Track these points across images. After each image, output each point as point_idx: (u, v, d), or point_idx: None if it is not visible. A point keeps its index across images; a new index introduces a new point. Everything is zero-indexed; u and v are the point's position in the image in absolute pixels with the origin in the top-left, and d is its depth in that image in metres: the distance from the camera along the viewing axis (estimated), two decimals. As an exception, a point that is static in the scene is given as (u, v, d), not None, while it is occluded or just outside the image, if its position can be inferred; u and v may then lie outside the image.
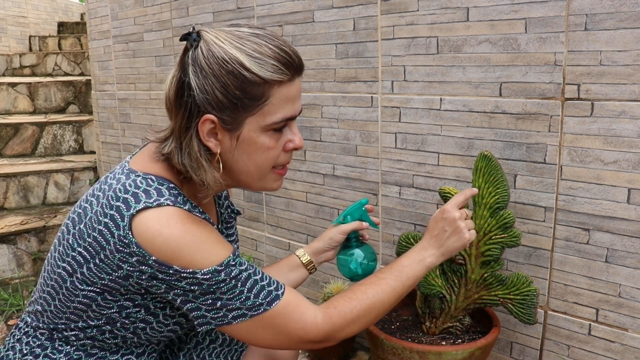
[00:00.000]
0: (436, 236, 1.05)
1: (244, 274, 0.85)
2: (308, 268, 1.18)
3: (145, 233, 0.80)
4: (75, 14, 7.70)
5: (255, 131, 0.86)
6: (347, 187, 1.78)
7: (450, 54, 1.45)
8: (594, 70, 1.22)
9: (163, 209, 0.81)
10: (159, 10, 2.42)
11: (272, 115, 0.86)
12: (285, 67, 0.83)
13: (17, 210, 2.97)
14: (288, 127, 0.90)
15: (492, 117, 1.39)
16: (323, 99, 1.79)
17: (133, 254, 0.81)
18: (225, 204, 1.15)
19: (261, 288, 0.86)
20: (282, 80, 0.84)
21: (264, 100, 0.84)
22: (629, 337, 1.25)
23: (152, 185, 0.84)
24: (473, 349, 1.20)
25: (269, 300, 0.85)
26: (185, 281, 0.81)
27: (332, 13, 1.71)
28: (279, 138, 0.89)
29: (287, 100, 0.86)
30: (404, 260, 1.01)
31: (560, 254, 1.33)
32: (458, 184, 1.48)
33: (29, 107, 4.20)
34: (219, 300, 0.83)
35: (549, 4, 1.25)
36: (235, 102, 0.83)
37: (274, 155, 0.90)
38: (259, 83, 0.82)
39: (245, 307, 0.84)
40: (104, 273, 0.84)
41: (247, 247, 2.22)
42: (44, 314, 0.94)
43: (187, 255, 0.80)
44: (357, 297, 0.94)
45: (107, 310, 0.88)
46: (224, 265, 0.83)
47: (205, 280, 0.81)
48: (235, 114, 0.84)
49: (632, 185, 1.20)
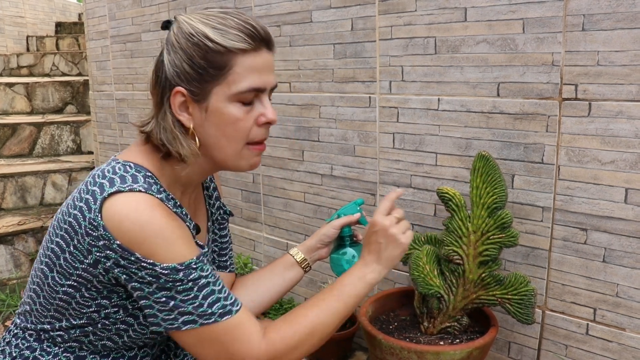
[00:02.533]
0: (373, 250, 1.00)
1: (202, 280, 0.84)
2: (303, 266, 1.18)
3: (113, 217, 0.80)
4: (73, 14, 7.69)
5: (222, 101, 0.87)
6: (345, 188, 1.78)
7: (448, 54, 1.45)
8: (592, 70, 1.22)
9: (134, 194, 0.82)
10: (157, 10, 2.41)
11: (237, 84, 0.86)
12: (248, 36, 0.85)
13: (15, 211, 2.97)
14: (259, 100, 0.90)
15: (489, 117, 1.39)
16: (321, 99, 1.79)
17: (100, 238, 0.81)
18: (217, 204, 1.15)
19: (217, 299, 0.85)
20: (245, 49, 0.85)
21: (227, 69, 0.86)
22: (626, 337, 1.25)
23: (129, 172, 0.86)
24: (471, 348, 1.21)
25: (221, 313, 0.84)
26: (144, 271, 0.81)
27: (330, 13, 1.71)
28: (249, 111, 0.89)
29: (252, 70, 0.87)
30: (344, 279, 0.98)
31: (558, 254, 1.34)
32: (456, 184, 1.48)
33: (27, 107, 4.19)
34: (172, 299, 0.82)
35: (547, 4, 1.26)
36: (200, 72, 0.85)
37: (244, 128, 0.89)
38: (222, 52, 0.85)
39: (197, 313, 0.83)
40: (77, 262, 0.84)
41: (245, 248, 2.22)
42: (31, 314, 0.95)
43: (151, 244, 0.80)
44: (298, 321, 0.91)
45: (87, 309, 0.88)
46: (185, 266, 0.82)
47: (163, 275, 0.81)
48: (202, 85, 0.86)
49: (630, 185, 1.20)
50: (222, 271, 1.17)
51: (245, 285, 1.17)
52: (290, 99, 1.89)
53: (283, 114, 1.93)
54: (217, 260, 1.16)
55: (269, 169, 2.03)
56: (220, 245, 1.17)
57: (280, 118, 1.94)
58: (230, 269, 1.18)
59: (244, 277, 1.20)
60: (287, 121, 1.92)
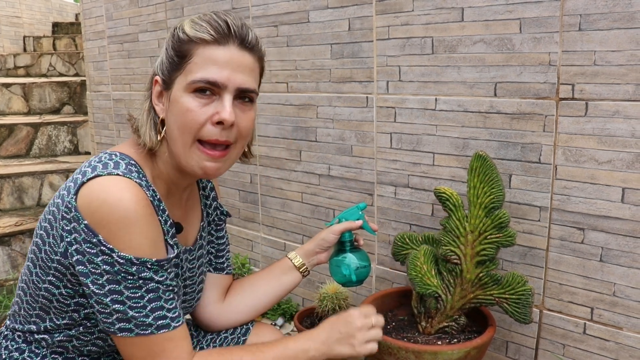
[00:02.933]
0: (328, 332, 0.98)
1: (153, 284, 0.83)
2: (301, 271, 1.17)
3: (87, 196, 0.81)
4: (70, 14, 7.68)
5: (180, 90, 0.88)
6: (343, 188, 1.78)
7: (445, 54, 1.45)
8: (588, 70, 1.22)
9: (112, 177, 0.82)
10: (154, 10, 2.41)
11: (193, 74, 0.86)
12: (212, 29, 0.86)
13: (12, 212, 2.96)
14: (220, 98, 0.88)
15: (487, 117, 1.40)
16: (318, 99, 1.79)
17: (72, 220, 0.81)
18: (214, 204, 1.14)
19: (160, 307, 0.84)
20: (207, 40, 0.86)
21: (188, 58, 0.87)
22: (623, 336, 1.26)
23: (113, 160, 0.86)
24: (469, 348, 1.21)
25: (159, 325, 0.84)
26: (101, 257, 0.80)
27: (327, 13, 1.71)
28: (204, 105, 0.87)
29: (210, 62, 0.86)
30: (290, 343, 0.97)
31: (555, 254, 1.34)
32: (453, 183, 1.48)
33: (24, 107, 4.18)
34: (119, 294, 0.81)
35: (544, 4, 1.26)
36: (169, 61, 0.89)
37: (194, 120, 0.86)
38: (186, 41, 0.87)
39: (135, 321, 0.82)
40: (53, 252, 0.85)
41: (243, 248, 2.22)
42: (19, 314, 0.96)
43: (115, 227, 0.79)
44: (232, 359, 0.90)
45: (67, 307, 0.89)
46: (140, 262, 0.82)
47: (117, 263, 0.80)
48: (170, 73, 0.89)
49: (626, 184, 1.20)
50: (219, 273, 1.16)
51: (242, 289, 1.17)
52: (287, 99, 1.89)
53: (280, 114, 1.93)
54: (214, 262, 1.16)
55: (266, 169, 2.03)
56: (217, 246, 1.16)
57: (277, 118, 1.94)
58: (227, 270, 1.17)
59: (241, 280, 1.20)
60: (285, 121, 1.92)
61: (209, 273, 1.15)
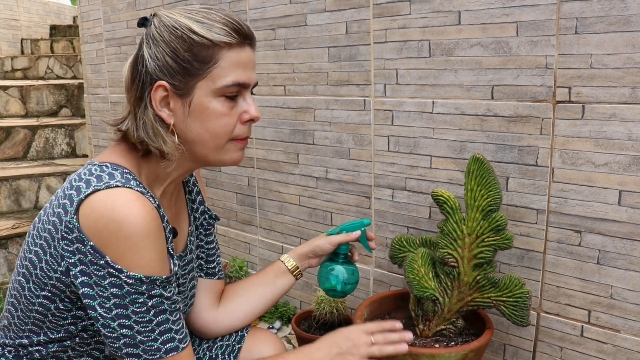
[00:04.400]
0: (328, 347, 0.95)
1: (161, 305, 0.81)
2: (294, 274, 1.17)
3: (90, 216, 0.77)
4: (68, 17, 7.68)
5: (206, 96, 0.85)
6: (340, 190, 1.78)
7: (442, 57, 1.45)
8: (585, 73, 1.22)
9: (112, 190, 0.78)
10: (152, 13, 2.41)
11: (223, 79, 0.85)
12: (233, 31, 0.85)
13: (9, 214, 2.95)
14: (242, 97, 0.89)
15: (484, 120, 1.40)
16: (316, 102, 1.79)
17: (75, 240, 0.78)
18: (201, 208, 1.12)
19: (169, 330, 0.82)
20: (231, 43, 0.85)
21: (213, 63, 0.84)
22: (621, 339, 1.26)
23: (105, 171, 0.83)
24: (466, 351, 1.21)
25: (167, 348, 0.82)
26: (109, 280, 0.77)
27: (324, 17, 1.71)
28: (233, 107, 0.87)
29: (237, 65, 0.86)
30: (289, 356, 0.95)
31: (552, 256, 1.34)
32: (450, 186, 1.48)
33: (21, 110, 4.17)
34: (126, 319, 0.79)
35: (540, 7, 1.26)
36: (185, 66, 0.84)
37: (228, 124, 0.87)
38: (207, 45, 0.84)
39: (142, 348, 0.80)
40: (52, 270, 0.81)
41: (240, 251, 2.21)
42: (10, 329, 0.92)
43: (123, 246, 0.76)
44: None
45: (63, 321, 0.86)
46: (150, 280, 0.79)
47: (126, 284, 0.77)
48: (186, 79, 0.85)
49: (623, 187, 1.21)
50: (210, 278, 1.14)
51: (236, 294, 1.16)
52: (285, 102, 1.89)
53: (278, 117, 1.93)
54: (205, 267, 1.14)
55: (263, 172, 2.03)
56: (207, 251, 1.14)
57: (275, 121, 1.94)
58: (219, 275, 1.16)
59: (235, 284, 1.19)
60: (282, 124, 1.92)
61: (201, 279, 1.13)
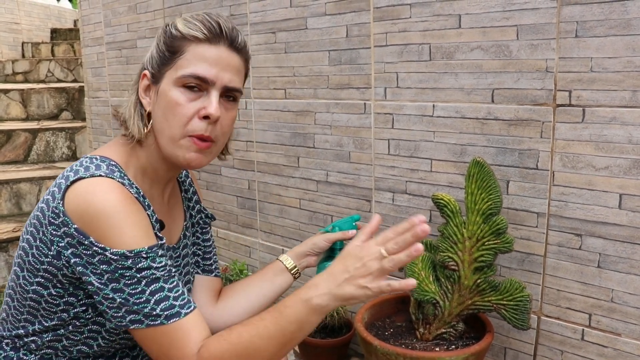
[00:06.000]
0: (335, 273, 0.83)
1: (151, 274, 0.83)
2: (292, 273, 1.18)
3: (73, 201, 0.82)
4: (69, 20, 7.69)
5: (169, 84, 0.91)
6: (341, 194, 1.78)
7: (442, 60, 1.45)
8: (585, 76, 1.22)
9: (95, 178, 0.84)
10: (152, 17, 2.42)
11: (183, 69, 0.89)
12: (206, 28, 0.89)
13: (10, 217, 2.95)
14: (207, 94, 0.90)
15: (484, 123, 1.40)
16: (316, 106, 1.79)
17: (61, 225, 0.83)
18: (197, 207, 1.16)
19: (165, 297, 0.83)
20: (199, 38, 0.89)
21: (180, 54, 0.90)
22: (621, 342, 1.26)
23: (94, 163, 0.88)
24: (467, 354, 1.20)
25: (168, 315, 0.83)
26: (97, 257, 0.81)
27: (324, 20, 1.72)
28: (192, 99, 0.90)
29: (202, 59, 0.89)
30: (287, 300, 0.84)
31: (553, 260, 1.34)
32: (451, 190, 1.48)
33: (22, 113, 4.18)
34: (120, 293, 0.81)
35: (540, 11, 1.26)
36: (160, 56, 0.92)
37: (182, 114, 0.89)
38: (179, 37, 0.90)
39: (143, 312, 0.82)
40: (43, 255, 0.86)
41: (241, 254, 2.21)
42: (7, 320, 0.96)
43: (104, 227, 0.81)
44: (231, 339, 0.84)
45: (56, 307, 0.89)
46: (134, 253, 0.82)
47: (113, 260, 0.81)
48: (159, 67, 0.92)
49: (624, 190, 1.21)
50: (207, 275, 1.17)
51: (235, 292, 1.17)
52: (285, 106, 1.90)
53: (278, 120, 1.93)
54: (202, 264, 1.17)
55: (264, 175, 2.03)
56: (204, 249, 1.18)
57: (275, 124, 1.94)
58: (216, 273, 1.18)
59: (233, 284, 1.20)
60: (283, 127, 1.92)
61: (198, 276, 1.16)
